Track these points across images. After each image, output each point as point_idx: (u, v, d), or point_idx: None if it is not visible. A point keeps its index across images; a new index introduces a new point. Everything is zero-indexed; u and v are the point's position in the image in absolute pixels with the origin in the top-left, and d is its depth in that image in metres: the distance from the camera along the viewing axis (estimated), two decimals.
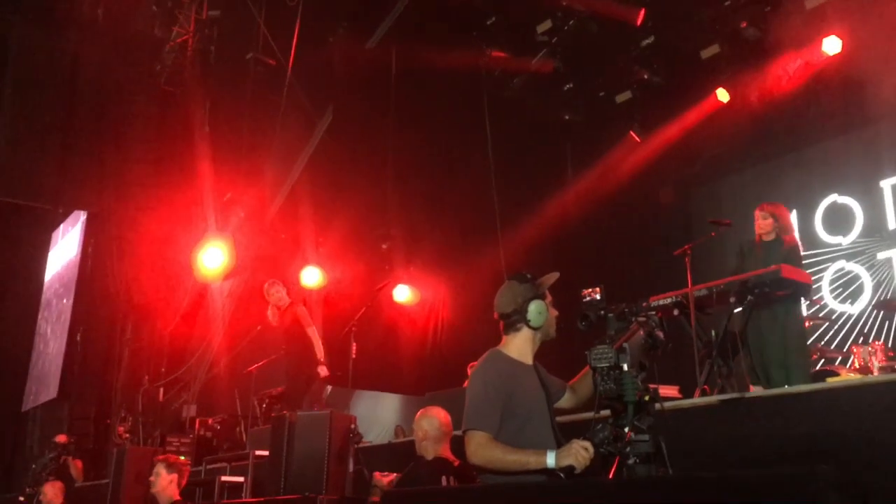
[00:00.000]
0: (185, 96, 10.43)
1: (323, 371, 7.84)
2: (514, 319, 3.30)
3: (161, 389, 10.11)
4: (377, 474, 4.43)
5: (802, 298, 5.82)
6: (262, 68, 9.51)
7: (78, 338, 10.69)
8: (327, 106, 9.93)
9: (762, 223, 6.02)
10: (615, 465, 2.75)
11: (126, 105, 10.84)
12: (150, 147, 10.80)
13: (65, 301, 11.59)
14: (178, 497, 5.65)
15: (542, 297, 3.31)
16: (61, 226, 12.64)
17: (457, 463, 4.30)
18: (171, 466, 5.69)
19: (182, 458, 7.76)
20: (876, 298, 8.39)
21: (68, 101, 10.94)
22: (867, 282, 8.61)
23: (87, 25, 10.51)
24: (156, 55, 10.69)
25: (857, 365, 6.08)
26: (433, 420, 4.46)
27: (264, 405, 8.47)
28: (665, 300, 5.72)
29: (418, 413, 4.58)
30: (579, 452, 2.91)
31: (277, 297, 8.08)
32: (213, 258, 8.64)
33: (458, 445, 4.20)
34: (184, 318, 10.18)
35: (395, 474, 4.50)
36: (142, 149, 10.76)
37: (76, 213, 11.82)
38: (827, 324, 8.37)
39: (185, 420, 9.51)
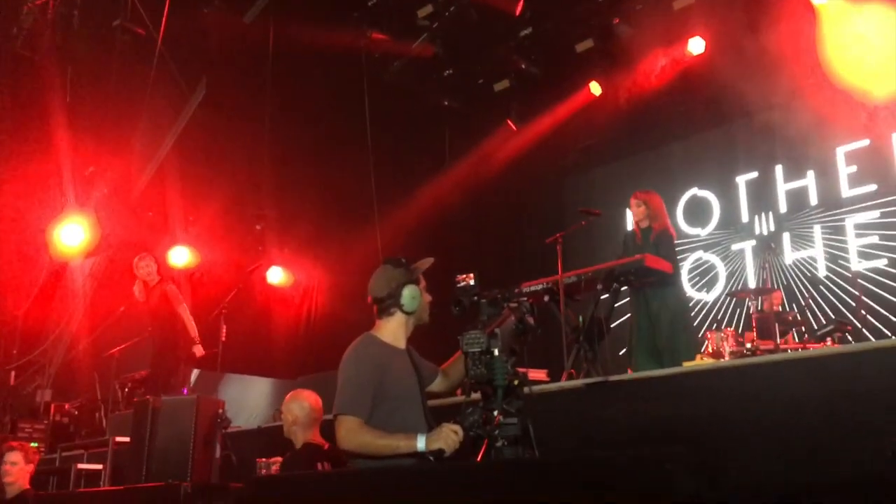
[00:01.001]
0: (44, 62, 9.77)
1: (199, 350, 7.61)
2: (388, 304, 3.31)
3: (12, 373, 9.50)
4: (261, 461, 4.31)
5: (674, 283, 6.10)
6: (130, 37, 9.04)
7: None
8: (200, 79, 9.57)
9: (636, 210, 6.35)
10: (484, 448, 2.81)
11: None
12: (4, 115, 10.06)
13: None
14: (27, 486, 5.39)
15: (416, 282, 3.33)
16: None
17: (326, 446, 4.27)
18: (28, 455, 5.44)
19: (34, 444, 7.39)
20: (729, 287, 8.94)
21: None
22: (721, 271, 9.14)
23: None
24: (12, 17, 9.95)
25: (710, 350, 6.44)
26: (303, 404, 4.39)
27: (126, 389, 8.13)
28: (536, 286, 5.89)
29: (287, 396, 4.49)
30: (449, 436, 2.95)
31: (147, 272, 7.76)
32: (72, 235, 8.21)
33: (327, 429, 4.18)
34: (39, 298, 9.59)
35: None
36: None
37: None
38: None
39: (38, 405, 9.00)
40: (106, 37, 9.11)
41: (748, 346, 6.10)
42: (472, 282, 3.14)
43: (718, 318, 8.84)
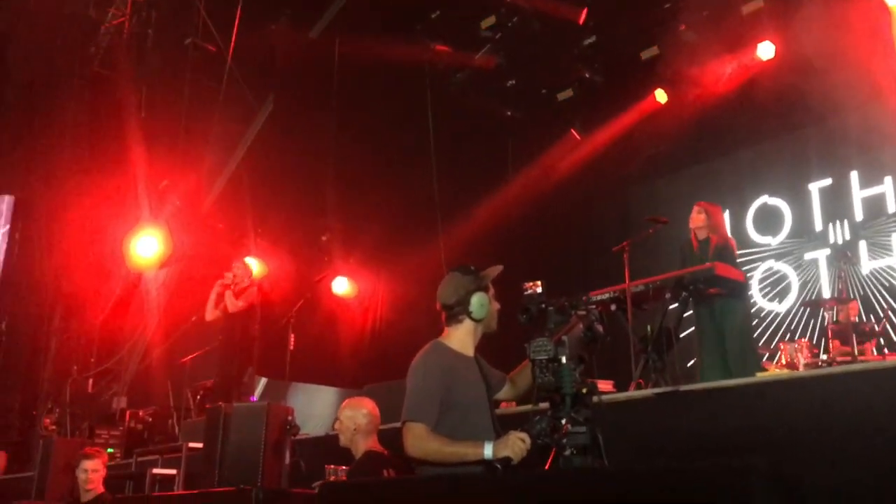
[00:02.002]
0: (120, 80, 10.14)
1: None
2: (457, 311, 3.30)
3: (90, 380, 9.84)
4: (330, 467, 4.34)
5: (742, 296, 5.98)
6: (201, 54, 9.31)
7: (3, 327, 10.32)
8: (268, 95, 9.80)
9: (696, 217, 6.24)
10: (551, 457, 2.78)
11: (57, 88, 10.48)
12: (82, 131, 10.47)
13: None
14: (102, 489, 5.59)
15: (485, 290, 3.32)
16: None
17: (386, 453, 4.28)
18: (103, 460, 5.67)
19: (109, 450, 7.65)
20: (802, 297, 8.68)
21: None
22: (794, 281, 8.89)
23: (18, 4, 10.13)
24: (90, 37, 10.36)
25: (783, 361, 6.25)
26: (365, 411, 4.34)
27: (198, 397, 8.32)
28: (603, 295, 5.83)
29: (344, 405, 4.43)
30: (516, 444, 2.93)
31: (241, 272, 7.99)
32: (147, 247, 8.45)
33: (389, 437, 4.19)
34: (115, 308, 9.92)
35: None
36: (73, 133, 10.41)
37: (2, 197, 11.39)
38: (755, 321, 8.65)
39: (114, 412, 9.27)
40: (178, 54, 9.41)
41: (824, 357, 5.92)
42: (539, 290, 3.12)
43: (791, 328, 8.60)
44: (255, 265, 8.98)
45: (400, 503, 2.71)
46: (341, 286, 10.06)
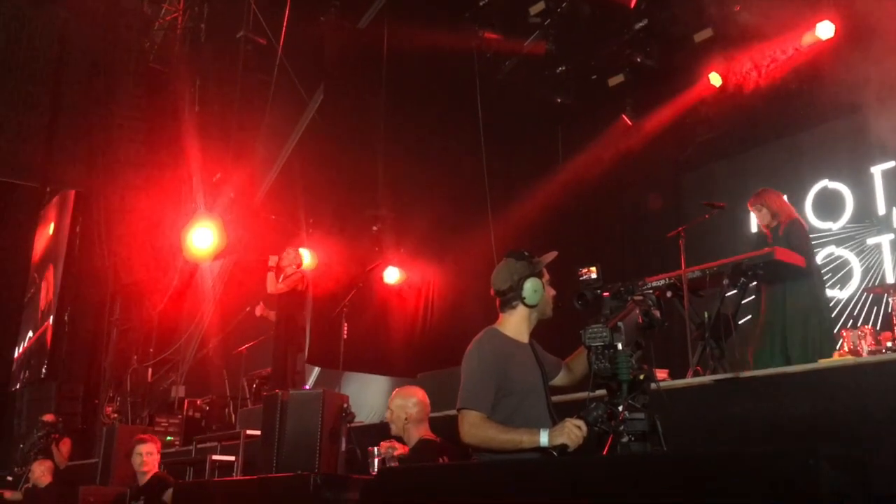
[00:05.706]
0: (175, 75, 10.34)
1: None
2: (510, 297, 3.28)
3: (150, 370, 10.08)
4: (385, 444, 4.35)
5: (810, 278, 5.79)
6: (253, 47, 9.44)
7: (66, 317, 10.63)
8: (318, 86, 9.86)
9: (758, 216, 6.10)
10: (609, 443, 2.75)
11: (114, 83, 10.72)
12: (139, 126, 10.70)
13: (52, 280, 11.51)
14: (157, 470, 5.79)
15: (539, 276, 3.28)
16: (51, 205, 12.54)
17: (439, 440, 4.28)
18: (157, 445, 5.83)
19: (169, 438, 7.83)
20: (865, 283, 8.43)
21: (55, 78, 10.82)
22: (856, 267, 8.63)
23: (75, 1, 10.37)
24: (145, 32, 10.59)
25: (846, 349, 6.09)
26: (414, 400, 4.32)
27: (254, 386, 8.46)
28: (658, 282, 5.72)
29: (394, 394, 4.43)
30: (572, 431, 2.90)
31: (291, 258, 8.09)
32: (202, 238, 8.60)
33: (442, 425, 4.19)
34: (173, 299, 10.14)
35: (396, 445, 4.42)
36: (130, 127, 10.65)
37: (64, 192, 11.72)
38: None
39: (173, 400, 9.49)
40: (230, 48, 9.56)
41: (888, 344, 5.73)
42: (594, 275, 3.08)
43: (854, 315, 8.36)
44: (306, 255, 9.07)
45: (457, 489, 2.71)
46: (392, 275, 10.10)
